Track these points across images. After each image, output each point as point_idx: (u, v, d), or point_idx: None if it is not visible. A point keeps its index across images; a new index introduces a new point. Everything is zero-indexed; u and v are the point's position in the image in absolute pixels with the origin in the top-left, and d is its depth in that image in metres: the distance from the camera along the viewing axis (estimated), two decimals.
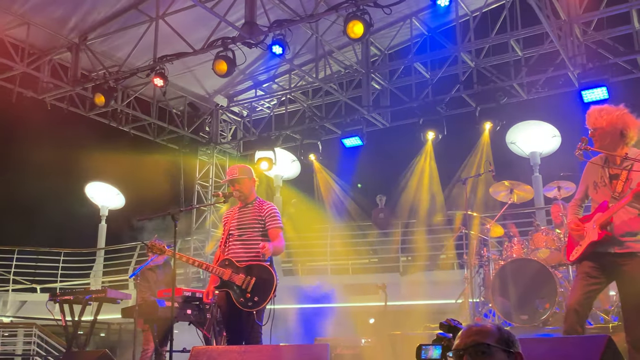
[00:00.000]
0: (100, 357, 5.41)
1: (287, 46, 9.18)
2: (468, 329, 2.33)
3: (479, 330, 2.31)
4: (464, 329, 2.35)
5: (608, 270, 4.46)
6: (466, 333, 2.32)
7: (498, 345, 2.26)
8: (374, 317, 9.72)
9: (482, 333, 2.29)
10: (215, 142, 13.46)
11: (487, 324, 2.36)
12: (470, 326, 2.35)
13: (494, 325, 2.34)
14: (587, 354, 3.49)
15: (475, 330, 2.32)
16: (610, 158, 4.64)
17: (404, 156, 13.28)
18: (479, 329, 2.32)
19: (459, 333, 2.34)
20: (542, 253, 7.37)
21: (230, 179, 5.60)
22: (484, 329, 2.31)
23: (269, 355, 4.44)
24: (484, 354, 2.24)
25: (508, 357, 2.27)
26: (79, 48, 10.73)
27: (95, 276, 15.23)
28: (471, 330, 2.32)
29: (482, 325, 2.34)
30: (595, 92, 9.19)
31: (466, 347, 2.26)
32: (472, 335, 2.29)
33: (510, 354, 2.28)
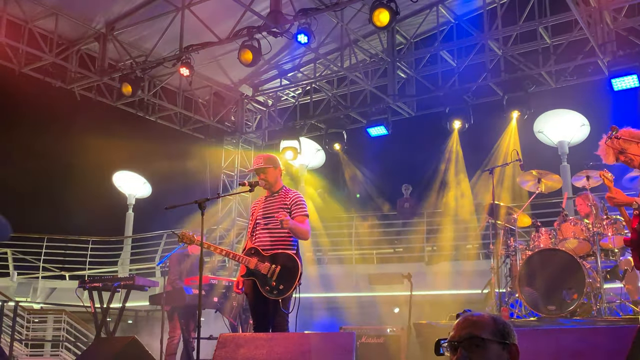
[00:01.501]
0: (130, 344, 5.49)
1: (312, 35, 9.16)
2: (463, 320, 2.29)
3: (474, 322, 2.26)
4: (459, 320, 2.30)
5: None
6: (461, 325, 2.28)
7: (493, 338, 2.22)
8: (399, 306, 9.72)
9: (477, 325, 2.25)
10: (240, 132, 13.50)
11: (482, 315, 2.31)
12: (465, 317, 2.31)
13: (489, 316, 2.29)
14: (617, 344, 3.45)
15: (470, 322, 2.27)
16: None
17: (429, 145, 13.21)
18: (474, 320, 2.27)
19: (454, 324, 2.31)
20: (570, 243, 7.28)
21: (256, 168, 5.63)
22: (479, 321, 2.27)
23: (295, 343, 4.47)
24: (478, 347, 2.21)
25: (503, 349, 2.24)
26: (106, 38, 10.84)
27: (122, 264, 15.44)
28: (466, 322, 2.28)
29: (477, 316, 2.30)
30: (625, 80, 9.03)
31: (461, 339, 2.23)
32: (467, 327, 2.25)
33: (505, 345, 2.24)
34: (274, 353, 4.45)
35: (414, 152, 14.16)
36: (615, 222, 7.23)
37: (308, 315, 9.98)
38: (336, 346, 4.38)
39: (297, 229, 5.39)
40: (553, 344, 3.60)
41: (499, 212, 7.98)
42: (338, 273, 12.36)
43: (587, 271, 6.84)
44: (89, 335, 12.89)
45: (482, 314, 2.32)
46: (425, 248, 12.69)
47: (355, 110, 12.29)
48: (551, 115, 12.11)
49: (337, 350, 4.33)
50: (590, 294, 6.85)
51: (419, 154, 13.75)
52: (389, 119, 11.66)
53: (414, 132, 13.44)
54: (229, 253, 5.72)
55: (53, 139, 15.49)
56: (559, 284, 6.90)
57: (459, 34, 11.21)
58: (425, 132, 13.15)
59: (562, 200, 8.71)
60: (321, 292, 11.28)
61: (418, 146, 13.99)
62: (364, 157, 14.30)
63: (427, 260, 12.30)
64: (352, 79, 11.88)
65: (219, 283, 7.69)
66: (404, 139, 13.42)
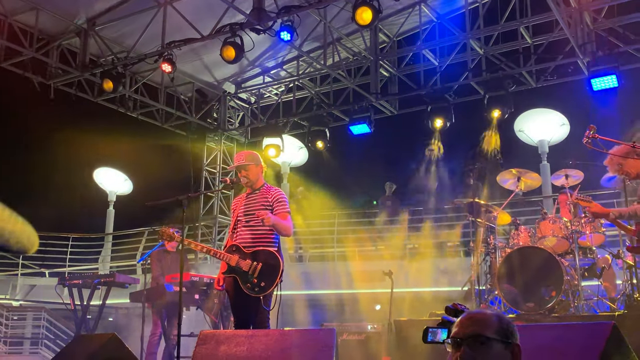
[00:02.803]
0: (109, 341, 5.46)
1: (295, 32, 9.17)
2: (468, 318, 2.29)
3: (479, 320, 2.26)
4: (464, 317, 2.31)
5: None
6: (466, 322, 2.28)
7: (497, 337, 2.23)
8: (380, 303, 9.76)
9: (481, 323, 2.25)
10: (223, 129, 13.47)
11: (487, 312, 2.31)
12: (470, 314, 2.31)
13: (494, 314, 2.29)
14: (592, 341, 3.51)
15: (475, 319, 2.27)
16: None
17: (411, 144, 13.26)
18: (479, 318, 2.28)
19: (458, 320, 2.33)
20: (549, 241, 7.37)
21: (237, 166, 5.63)
22: (484, 319, 2.27)
23: (275, 340, 4.48)
24: (483, 345, 2.22)
25: (505, 348, 2.26)
26: (87, 34, 10.76)
27: (103, 261, 15.34)
28: (471, 320, 2.28)
29: (482, 314, 2.30)
30: (604, 80, 9.14)
31: (465, 337, 2.24)
32: (472, 325, 2.25)
33: (508, 345, 2.25)
34: (255, 350, 4.45)
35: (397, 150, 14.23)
36: (593, 221, 7.34)
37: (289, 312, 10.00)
38: (317, 343, 4.39)
39: (279, 225, 5.39)
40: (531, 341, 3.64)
41: (479, 210, 8.05)
42: (319, 270, 12.38)
43: (565, 269, 6.92)
44: (69, 333, 12.80)
45: (486, 311, 2.32)
46: (406, 246, 12.75)
47: (338, 108, 12.31)
48: (531, 114, 12.23)
49: (317, 347, 4.34)
50: (569, 291, 6.93)
51: (402, 152, 13.82)
52: (372, 117, 11.69)
53: (397, 130, 13.50)
54: (210, 250, 5.71)
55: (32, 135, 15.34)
56: (538, 282, 6.99)
57: (441, 33, 11.28)
58: (407, 130, 13.20)
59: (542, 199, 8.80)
60: (302, 289, 11.29)
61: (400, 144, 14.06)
62: (346, 155, 14.33)
63: (409, 257, 12.36)
64: (335, 77, 11.90)
65: (200, 280, 7.68)
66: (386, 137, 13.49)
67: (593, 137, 4.76)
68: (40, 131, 14.78)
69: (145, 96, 12.30)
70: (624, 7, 9.81)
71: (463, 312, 2.50)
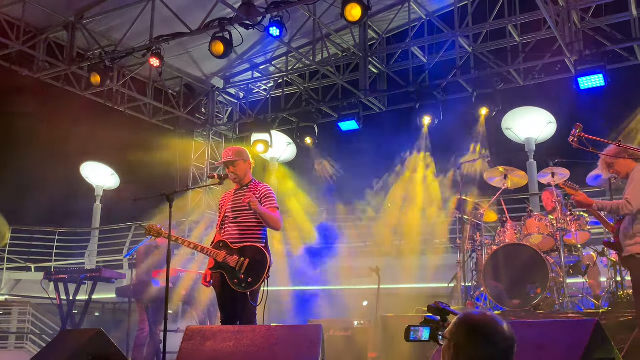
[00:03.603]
0: (95, 336, 5.43)
1: (284, 28, 9.15)
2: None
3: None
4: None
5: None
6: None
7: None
8: (367, 299, 9.79)
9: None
10: (211, 124, 13.42)
11: (485, 314, 2.31)
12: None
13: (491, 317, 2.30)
14: (576, 337, 3.54)
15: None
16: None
17: (400, 141, 13.27)
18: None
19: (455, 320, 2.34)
20: (534, 239, 7.42)
21: (225, 161, 5.62)
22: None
23: (262, 335, 4.48)
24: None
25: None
26: (75, 27, 10.67)
27: (90, 256, 15.26)
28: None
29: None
30: (591, 79, 9.20)
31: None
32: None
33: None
34: (241, 345, 4.46)
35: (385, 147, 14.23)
36: (578, 219, 7.41)
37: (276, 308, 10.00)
38: (303, 338, 4.40)
39: (267, 215, 5.38)
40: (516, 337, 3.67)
41: (466, 207, 8.10)
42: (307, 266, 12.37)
43: (550, 266, 6.98)
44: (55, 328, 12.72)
45: (484, 312, 2.32)
46: (394, 242, 12.78)
47: (327, 104, 12.32)
48: (519, 112, 12.30)
49: (304, 343, 4.35)
50: (554, 288, 6.99)
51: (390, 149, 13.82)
52: (360, 113, 11.71)
53: (385, 127, 13.50)
54: (197, 246, 5.70)
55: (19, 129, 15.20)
56: (524, 279, 7.04)
57: (430, 30, 11.30)
58: (396, 127, 13.21)
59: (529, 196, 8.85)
60: (289, 285, 11.30)
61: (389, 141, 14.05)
62: (335, 152, 14.32)
63: (396, 254, 12.39)
64: (324, 73, 11.89)
65: (188, 276, 7.66)
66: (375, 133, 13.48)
67: (579, 136, 4.81)
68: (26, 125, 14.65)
69: (133, 90, 12.23)
70: (611, 6, 9.88)
71: (445, 309, 2.52)
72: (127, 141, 12.88)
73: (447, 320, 2.54)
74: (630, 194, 4.93)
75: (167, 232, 5.41)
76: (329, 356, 6.66)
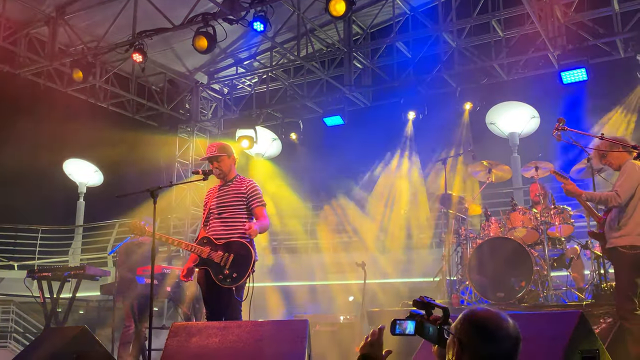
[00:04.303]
0: (80, 334, 5.40)
1: (268, 23, 9.10)
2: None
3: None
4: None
5: None
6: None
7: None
8: (353, 294, 9.81)
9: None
10: (195, 120, 13.35)
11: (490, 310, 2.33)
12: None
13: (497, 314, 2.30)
14: (560, 329, 3.57)
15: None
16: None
17: (385, 136, 13.30)
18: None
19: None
20: (518, 232, 7.47)
21: (209, 156, 5.59)
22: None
23: (248, 331, 4.47)
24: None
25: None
26: (56, 22, 10.54)
27: (73, 253, 15.15)
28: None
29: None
30: (574, 74, 9.26)
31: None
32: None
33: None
34: (227, 341, 4.44)
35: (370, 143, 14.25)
36: (562, 212, 7.46)
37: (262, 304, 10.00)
38: (289, 334, 4.39)
39: (262, 229, 5.44)
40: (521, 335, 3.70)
41: (450, 202, 8.13)
42: (293, 262, 12.39)
43: (534, 259, 7.03)
44: (39, 326, 12.64)
45: (489, 309, 2.33)
46: (379, 237, 12.82)
47: (312, 99, 12.29)
48: (503, 107, 12.36)
49: (290, 338, 4.35)
50: (538, 281, 7.05)
51: (375, 144, 13.85)
52: (345, 109, 11.71)
53: (370, 122, 13.52)
54: (181, 243, 5.68)
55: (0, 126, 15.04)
56: (508, 272, 7.09)
57: (414, 25, 11.30)
58: (380, 122, 13.23)
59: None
60: (276, 281, 11.30)
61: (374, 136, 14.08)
62: (320, 147, 14.32)
63: (382, 249, 12.44)
64: (309, 68, 11.86)
65: (172, 272, 7.62)
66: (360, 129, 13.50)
67: (562, 130, 4.84)
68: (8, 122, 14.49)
69: (116, 86, 12.13)
70: (593, 1, 9.94)
71: (430, 304, 2.53)
72: (111, 138, 12.78)
73: (432, 314, 2.54)
74: (620, 187, 4.99)
75: (150, 230, 5.37)
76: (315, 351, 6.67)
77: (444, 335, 2.46)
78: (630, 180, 4.96)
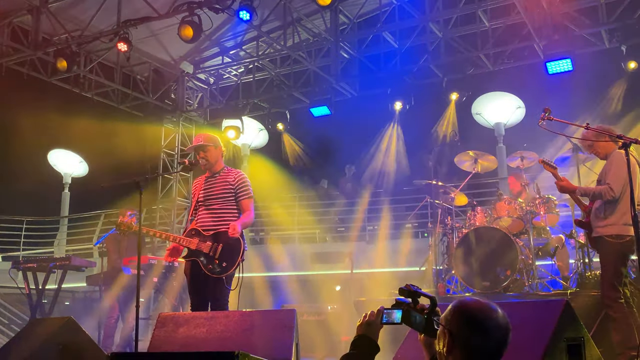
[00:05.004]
0: (66, 324, 5.37)
1: (254, 12, 9.05)
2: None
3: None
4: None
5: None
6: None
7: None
8: (340, 284, 9.84)
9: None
10: (181, 110, 13.27)
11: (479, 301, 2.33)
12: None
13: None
14: (546, 317, 3.60)
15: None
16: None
17: (371, 126, 13.31)
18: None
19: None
20: (504, 221, 7.53)
21: (196, 146, 5.57)
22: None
23: (235, 321, 4.47)
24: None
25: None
26: (40, 11, 10.40)
27: (59, 244, 15.05)
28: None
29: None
30: (560, 64, 9.32)
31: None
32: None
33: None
34: (214, 331, 4.44)
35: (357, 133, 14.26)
36: (547, 201, 7.53)
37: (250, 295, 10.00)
38: (277, 323, 4.40)
39: (246, 224, 5.45)
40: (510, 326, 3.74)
41: (437, 192, 8.17)
42: (280, 252, 12.39)
43: (520, 248, 7.09)
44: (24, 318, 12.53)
45: (479, 300, 2.33)
46: (366, 227, 12.86)
47: (299, 89, 12.27)
48: (489, 97, 12.40)
49: (277, 327, 4.36)
50: (523, 270, 7.11)
51: (362, 134, 13.86)
52: (332, 99, 11.70)
53: (357, 112, 13.52)
54: (169, 236, 5.66)
55: None
56: (494, 261, 7.14)
57: (401, 15, 11.28)
58: (367, 112, 13.24)
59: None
60: (263, 271, 11.30)
61: (361, 126, 14.09)
62: (306, 137, 14.31)
63: (368, 239, 12.48)
64: (296, 58, 11.82)
65: (159, 263, 7.61)
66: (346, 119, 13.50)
67: (548, 119, 4.86)
68: None
69: (101, 76, 12.02)
70: None
71: (416, 292, 2.54)
72: (96, 128, 12.66)
73: (418, 302, 2.56)
74: (612, 181, 5.01)
75: (136, 227, 5.35)
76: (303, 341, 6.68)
77: (431, 324, 2.48)
78: (620, 172, 4.98)
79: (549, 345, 3.43)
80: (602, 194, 5.06)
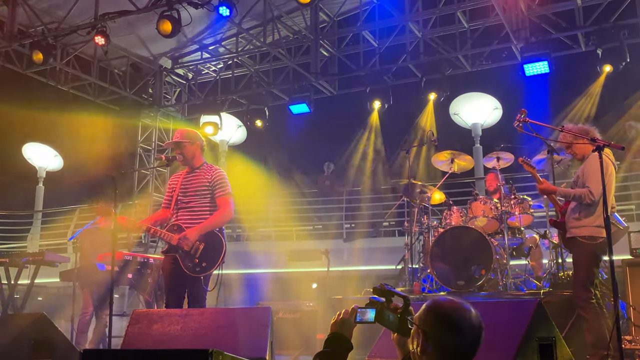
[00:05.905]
0: (38, 320, 5.29)
1: (234, 8, 9.02)
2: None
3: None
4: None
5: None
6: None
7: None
8: (316, 282, 9.85)
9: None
10: (158, 105, 13.16)
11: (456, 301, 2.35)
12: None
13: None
14: (519, 317, 3.64)
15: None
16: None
17: (350, 124, 13.35)
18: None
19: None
20: (479, 221, 7.59)
21: (173, 142, 5.51)
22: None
23: (210, 318, 4.45)
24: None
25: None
26: (15, 2, 10.24)
27: (32, 239, 14.83)
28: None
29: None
30: (537, 66, 9.44)
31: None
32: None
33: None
34: (189, 329, 4.41)
35: (336, 131, 14.28)
36: (522, 202, 7.60)
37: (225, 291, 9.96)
38: (252, 321, 4.38)
39: (211, 225, 5.24)
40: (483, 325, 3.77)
41: (414, 191, 8.20)
42: (257, 250, 12.36)
43: (494, 248, 7.15)
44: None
45: (453, 300, 2.34)
46: (343, 225, 12.88)
47: (278, 86, 12.25)
48: (466, 98, 12.50)
49: (253, 325, 4.34)
50: (497, 269, 7.18)
51: (340, 132, 13.89)
52: (311, 96, 11.71)
53: (336, 110, 13.55)
54: (150, 228, 5.50)
55: None
56: (469, 260, 7.19)
57: (380, 14, 11.33)
58: (346, 111, 13.27)
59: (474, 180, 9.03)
60: (240, 268, 11.26)
61: (339, 124, 14.12)
62: (285, 134, 14.29)
63: (345, 237, 12.50)
64: (275, 55, 11.80)
65: (134, 259, 7.54)
66: (325, 117, 13.51)
67: (524, 121, 4.92)
68: None
69: (77, 69, 11.88)
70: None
71: (390, 291, 2.55)
72: (71, 121, 12.49)
73: (392, 301, 2.57)
74: (591, 184, 5.05)
75: (137, 225, 5.28)
76: (278, 338, 6.68)
77: (404, 323, 2.49)
78: (597, 175, 5.03)
79: (521, 345, 3.47)
80: (582, 197, 5.10)
